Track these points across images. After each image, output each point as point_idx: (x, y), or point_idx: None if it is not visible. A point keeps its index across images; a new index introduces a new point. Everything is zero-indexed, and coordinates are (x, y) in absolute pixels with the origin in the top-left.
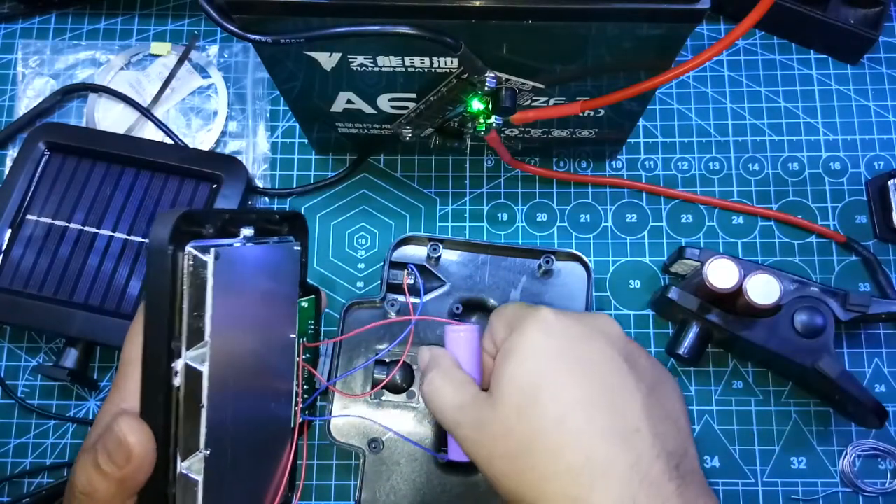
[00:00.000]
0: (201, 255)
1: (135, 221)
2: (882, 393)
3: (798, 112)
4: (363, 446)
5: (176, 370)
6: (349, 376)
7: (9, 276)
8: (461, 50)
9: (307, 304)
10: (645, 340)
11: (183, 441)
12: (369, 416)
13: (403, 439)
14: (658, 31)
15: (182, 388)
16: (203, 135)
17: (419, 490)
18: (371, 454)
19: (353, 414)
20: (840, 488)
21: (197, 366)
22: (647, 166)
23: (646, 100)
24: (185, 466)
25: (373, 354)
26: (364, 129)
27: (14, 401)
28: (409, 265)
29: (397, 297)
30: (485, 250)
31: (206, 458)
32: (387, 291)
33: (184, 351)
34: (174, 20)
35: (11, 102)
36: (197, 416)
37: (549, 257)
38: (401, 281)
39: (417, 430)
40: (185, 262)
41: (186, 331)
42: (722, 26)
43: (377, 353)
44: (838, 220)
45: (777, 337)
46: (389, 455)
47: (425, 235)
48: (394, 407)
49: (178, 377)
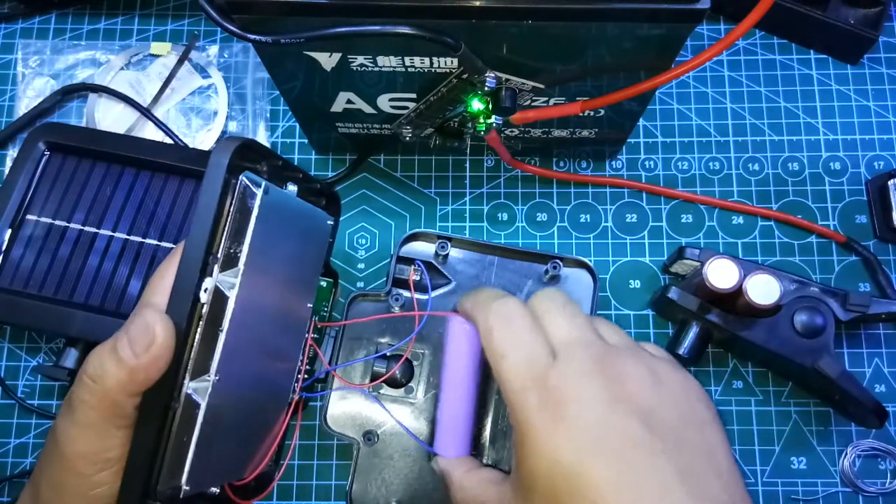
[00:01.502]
0: (252, 186)
1: (135, 221)
2: (882, 393)
3: (798, 112)
4: (358, 437)
5: (205, 287)
6: (349, 367)
7: (9, 276)
8: (461, 50)
9: (325, 285)
10: (645, 340)
11: (194, 361)
12: (366, 408)
13: (402, 427)
14: (658, 31)
15: (206, 307)
16: (203, 135)
17: (410, 485)
18: (365, 446)
19: (352, 389)
20: (840, 488)
21: (225, 290)
22: (647, 166)
23: (646, 100)
24: (191, 387)
25: (374, 347)
26: (364, 129)
27: (14, 401)
28: (417, 261)
29: (402, 291)
30: (493, 251)
31: (213, 384)
32: (392, 286)
33: (216, 271)
34: (174, 20)
35: (11, 102)
36: (213, 340)
37: (557, 263)
38: (407, 276)
39: (413, 425)
40: (238, 187)
41: (223, 252)
42: (722, 26)
43: (378, 346)
44: (838, 220)
45: (777, 337)
46: (384, 448)
47: (434, 233)
48: (391, 401)
49: (206, 294)
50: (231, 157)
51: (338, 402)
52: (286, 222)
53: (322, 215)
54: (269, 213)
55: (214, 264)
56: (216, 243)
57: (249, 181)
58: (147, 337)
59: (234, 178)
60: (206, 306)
